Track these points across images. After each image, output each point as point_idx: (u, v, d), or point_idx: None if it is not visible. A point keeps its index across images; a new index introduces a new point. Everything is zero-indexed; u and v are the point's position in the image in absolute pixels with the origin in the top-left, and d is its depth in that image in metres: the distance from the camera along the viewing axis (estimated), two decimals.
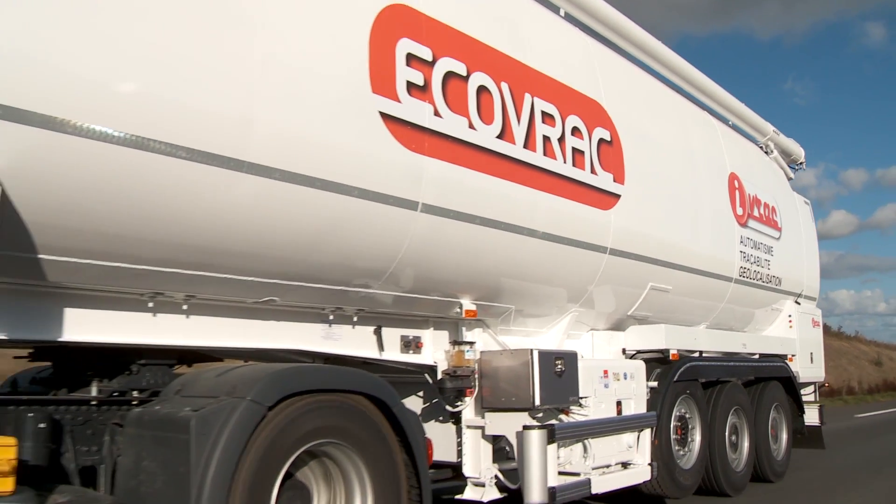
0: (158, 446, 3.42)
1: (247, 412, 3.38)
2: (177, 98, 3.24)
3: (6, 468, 2.96)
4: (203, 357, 4.42)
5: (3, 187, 2.81)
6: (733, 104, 8.54)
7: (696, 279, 7.02)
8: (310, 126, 3.76)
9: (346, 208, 3.97)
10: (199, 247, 3.56)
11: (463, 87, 4.62)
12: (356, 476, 3.94)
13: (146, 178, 3.21)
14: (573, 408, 5.47)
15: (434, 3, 4.54)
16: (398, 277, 4.49)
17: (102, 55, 3.01)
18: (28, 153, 2.89)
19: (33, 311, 3.46)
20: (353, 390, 3.91)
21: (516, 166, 4.96)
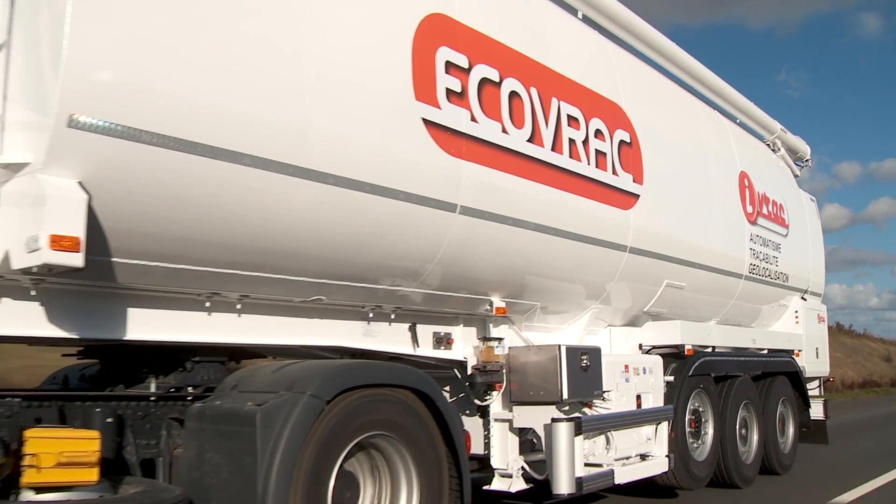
0: (222, 439, 3.59)
1: (307, 406, 3.56)
2: (243, 110, 3.42)
3: (93, 459, 3.15)
4: (248, 354, 4.59)
5: (89, 196, 2.97)
6: (742, 102, 8.75)
7: (708, 276, 7.23)
8: (360, 133, 3.94)
9: (392, 211, 4.15)
10: (258, 249, 3.74)
11: (496, 92, 4.80)
12: (402, 467, 4.13)
13: (214, 184, 3.39)
14: (596, 401, 5.67)
15: (469, 12, 4.71)
16: (435, 276, 4.67)
17: (177, 72, 3.19)
18: (109, 163, 3.06)
19: (100, 311, 3.62)
20: (401, 385, 4.11)
21: (545, 168, 5.14)
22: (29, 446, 3.04)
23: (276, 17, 3.58)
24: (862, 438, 12.58)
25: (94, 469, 3.19)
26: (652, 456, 6.21)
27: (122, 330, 3.69)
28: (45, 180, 2.91)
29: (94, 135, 2.99)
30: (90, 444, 3.18)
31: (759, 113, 9.08)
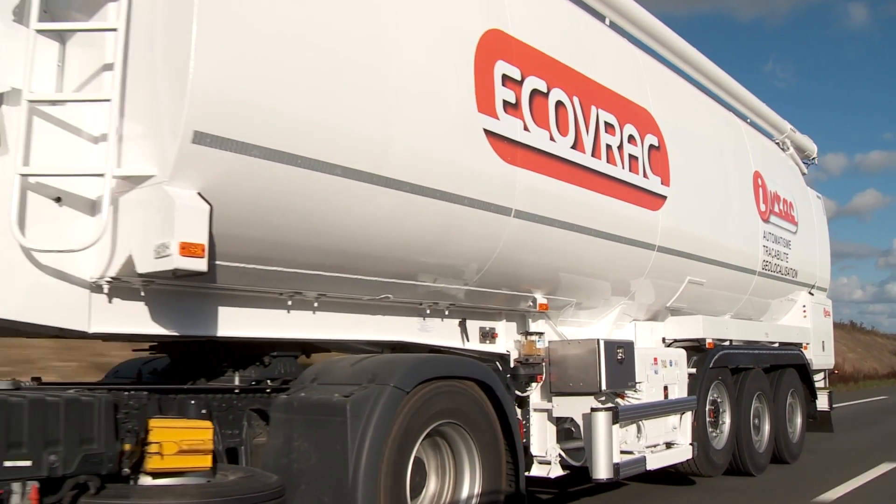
0: (311, 428, 3.89)
1: (391, 397, 3.88)
2: (335, 124, 3.72)
3: (208, 447, 3.45)
4: (316, 348, 4.88)
5: (211, 206, 3.26)
6: (754, 103, 9.10)
7: (725, 272, 7.59)
8: (431, 143, 4.24)
9: (457, 215, 4.46)
10: (342, 251, 4.05)
11: (545, 102, 5.11)
12: (467, 453, 4.46)
13: (310, 193, 3.69)
14: (628, 392, 6.00)
15: (520, 27, 5.02)
16: (489, 275, 4.99)
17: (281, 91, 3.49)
18: (223, 175, 3.35)
19: (194, 310, 3.89)
20: (468, 377, 4.43)
21: (585, 173, 5.46)
22: (153, 435, 3.34)
23: (363, 41, 3.88)
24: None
25: (208, 456, 3.49)
26: (677, 444, 6.57)
27: (214, 327, 3.97)
28: (173, 192, 3.20)
29: (213, 149, 3.28)
30: (205, 434, 3.49)
31: (771, 113, 9.44)
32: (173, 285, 3.71)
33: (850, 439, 11.08)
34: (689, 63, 7.92)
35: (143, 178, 3.33)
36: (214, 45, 3.24)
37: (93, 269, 3.47)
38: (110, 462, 3.17)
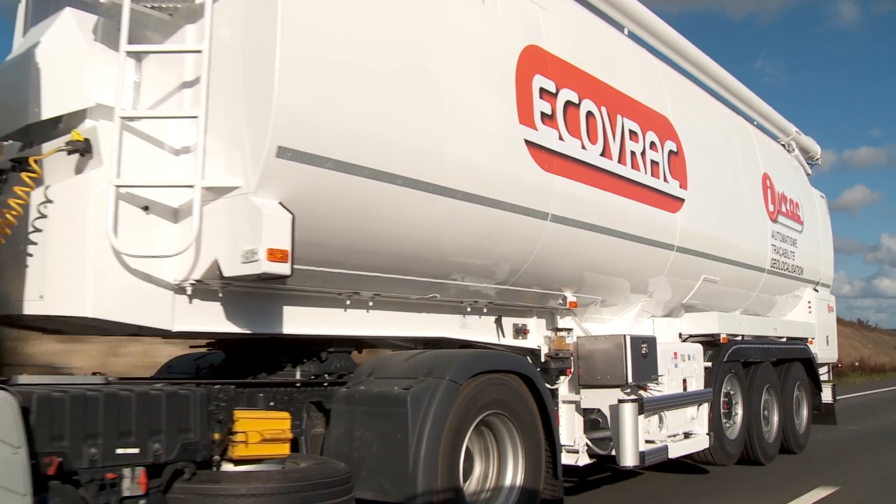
0: (372, 419, 4.20)
1: (447, 389, 4.19)
2: (397, 138, 4.04)
3: (287, 436, 3.77)
4: (365, 344, 5.18)
5: (293, 215, 3.57)
6: (762, 107, 9.44)
7: (737, 270, 7.92)
8: (479, 154, 4.56)
9: (500, 220, 4.78)
10: (398, 254, 4.36)
11: (577, 113, 5.43)
12: (510, 442, 4.77)
13: (375, 201, 4.00)
14: (650, 384, 6.33)
15: (554, 42, 5.33)
16: (525, 275, 5.31)
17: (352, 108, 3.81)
18: (301, 186, 3.66)
19: (263, 309, 4.20)
20: (512, 370, 4.75)
21: (612, 178, 5.78)
22: (239, 425, 3.64)
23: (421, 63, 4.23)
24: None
25: (287, 445, 3.81)
26: (695, 434, 6.90)
27: (280, 325, 4.28)
28: (259, 202, 3.51)
29: (293, 162, 3.59)
30: (285, 424, 3.80)
31: (777, 116, 9.79)
32: (246, 287, 4.01)
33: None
34: (701, 69, 8.24)
35: (228, 189, 3.63)
36: (294, 69, 3.55)
37: (176, 272, 3.77)
38: (204, 450, 3.49)
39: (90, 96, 3.82)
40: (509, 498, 4.75)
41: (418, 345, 5.66)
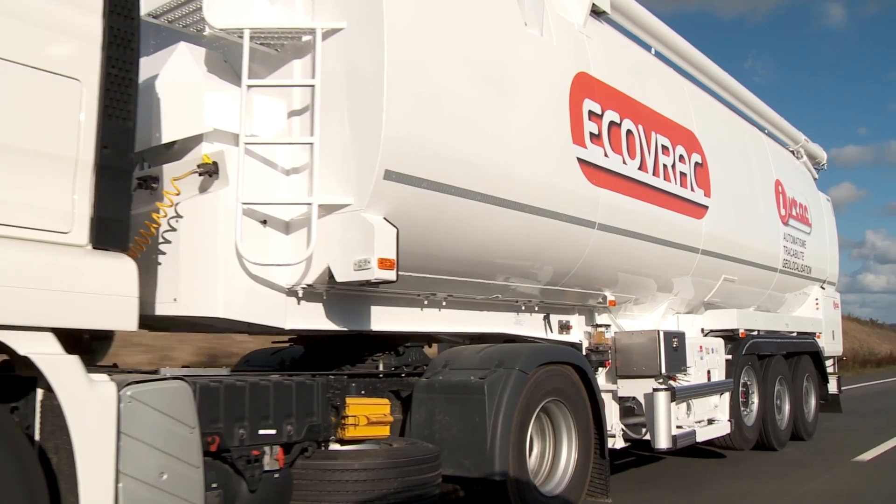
0: (452, 405, 4.80)
1: (517, 378, 4.80)
2: (475, 159, 4.64)
3: (388, 420, 4.38)
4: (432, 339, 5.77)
5: (397, 229, 4.16)
6: (774, 117, 10.07)
7: (753, 270, 8.55)
8: (541, 171, 5.17)
9: (556, 229, 5.39)
10: (472, 260, 4.96)
11: (619, 131, 6.03)
12: (565, 424, 5.39)
13: (458, 215, 4.60)
14: (679, 375, 6.95)
15: (600, 68, 5.93)
16: (573, 277, 5.92)
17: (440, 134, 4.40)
18: (401, 203, 4.26)
19: (354, 309, 4.79)
20: (568, 361, 5.36)
21: (648, 189, 6.40)
22: (350, 410, 4.25)
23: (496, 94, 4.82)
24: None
25: (387, 427, 4.41)
26: (718, 420, 7.54)
27: (368, 322, 4.87)
28: (370, 218, 4.11)
29: (396, 183, 4.19)
30: (385, 409, 4.42)
31: (787, 125, 10.42)
32: (344, 290, 4.60)
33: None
34: (719, 83, 8.85)
35: (339, 206, 4.22)
36: (397, 103, 4.15)
37: (288, 278, 4.35)
38: (325, 431, 4.10)
39: (207, 122, 4.39)
40: (564, 475, 5.37)
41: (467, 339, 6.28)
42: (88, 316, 3.01)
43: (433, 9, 4.54)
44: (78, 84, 3.11)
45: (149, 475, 3.10)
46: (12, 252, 2.85)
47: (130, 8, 3.33)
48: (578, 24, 5.92)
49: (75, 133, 3.09)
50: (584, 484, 5.48)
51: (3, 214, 2.87)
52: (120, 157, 3.23)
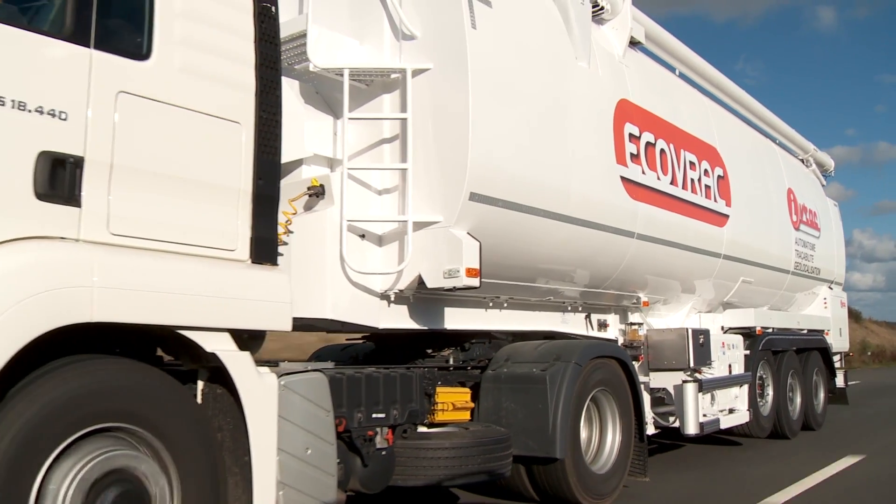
0: (517, 393, 5.51)
1: (573, 370, 5.51)
2: (540, 180, 5.36)
3: (470, 406, 5.09)
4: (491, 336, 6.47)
5: (480, 242, 4.88)
6: (786, 129, 10.82)
7: (767, 273, 9.28)
8: (591, 189, 5.89)
9: (603, 239, 6.11)
10: (532, 268, 5.69)
11: (654, 150, 6.75)
12: (610, 413, 6.11)
13: (524, 229, 5.32)
14: (704, 368, 7.66)
15: (637, 94, 6.65)
16: (614, 281, 6.64)
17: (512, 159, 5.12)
18: (481, 220, 4.97)
19: (431, 311, 5.50)
20: (613, 356, 6.09)
21: (678, 202, 7.12)
22: (439, 397, 4.97)
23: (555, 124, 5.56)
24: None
25: (468, 412, 5.13)
26: (738, 410, 8.27)
27: (443, 322, 5.58)
28: (457, 233, 4.82)
29: (478, 203, 4.91)
30: (467, 396, 5.14)
31: (798, 136, 11.17)
32: (426, 295, 5.30)
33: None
34: (735, 99, 9.58)
35: (429, 223, 4.93)
36: (479, 135, 4.86)
37: (381, 284, 5.06)
38: (421, 415, 4.81)
39: (308, 148, 5.10)
40: (609, 456, 6.10)
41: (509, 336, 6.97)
42: (254, 319, 3.71)
43: (504, 50, 5.25)
44: (239, 126, 3.80)
45: (298, 450, 3.78)
46: (195, 267, 3.55)
47: (275, 61, 4.03)
48: (619, 55, 6.64)
49: (238, 167, 3.79)
50: (626, 464, 6.21)
51: (186, 236, 3.56)
52: (270, 185, 3.92)
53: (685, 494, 6.57)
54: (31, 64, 3.11)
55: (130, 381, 3.29)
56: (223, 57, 3.77)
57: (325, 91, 5.32)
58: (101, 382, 3.18)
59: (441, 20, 5.00)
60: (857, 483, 7.05)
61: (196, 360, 3.68)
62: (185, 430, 3.40)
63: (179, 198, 3.53)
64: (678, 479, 7.17)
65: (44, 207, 3.08)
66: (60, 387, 3.04)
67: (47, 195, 3.09)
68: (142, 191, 3.38)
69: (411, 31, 5.06)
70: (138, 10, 3.50)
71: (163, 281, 3.35)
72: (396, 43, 5.16)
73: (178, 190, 3.52)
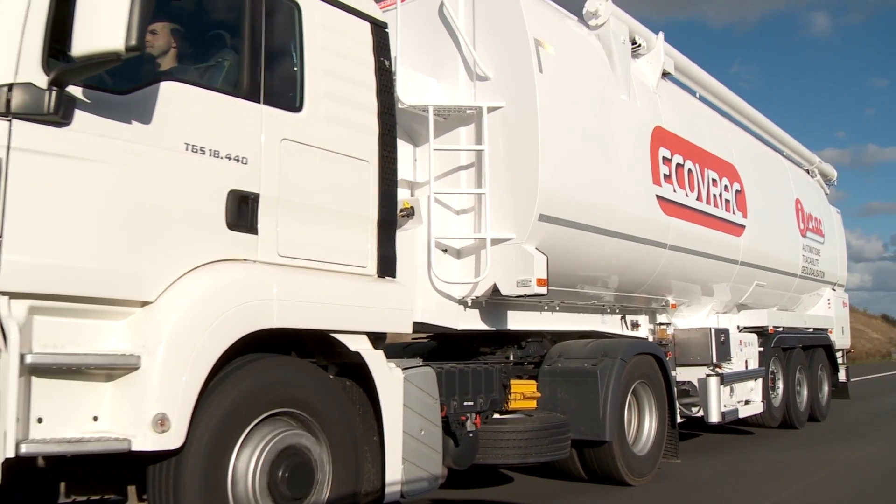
0: (571, 386, 6.36)
1: (619, 365, 6.37)
2: (593, 200, 6.22)
3: (536, 395, 5.94)
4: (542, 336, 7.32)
5: (547, 256, 5.72)
6: (792, 143, 11.72)
7: (778, 277, 10.16)
8: (632, 207, 6.75)
9: (641, 250, 6.97)
10: (582, 276, 6.54)
11: (682, 171, 7.62)
12: (647, 402, 6.98)
13: (578, 243, 6.19)
14: (724, 364, 8.53)
15: (668, 121, 7.52)
16: (647, 286, 7.50)
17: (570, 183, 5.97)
18: (546, 237, 5.82)
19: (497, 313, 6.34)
20: (651, 352, 6.96)
21: (702, 215, 7.98)
22: (514, 388, 5.82)
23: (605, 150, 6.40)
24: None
25: (535, 401, 5.99)
26: (753, 401, 9.15)
27: (506, 323, 6.42)
28: (529, 249, 5.67)
29: (545, 223, 5.76)
30: (533, 387, 6.00)
31: (804, 149, 12.09)
32: (495, 301, 6.13)
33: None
34: (748, 117, 10.46)
35: (504, 240, 5.77)
36: (546, 165, 5.71)
37: (460, 292, 5.90)
38: (500, 403, 5.66)
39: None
40: (647, 440, 6.98)
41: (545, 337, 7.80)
42: (385, 323, 4.56)
43: (562, 88, 6.09)
44: (367, 164, 4.64)
45: (414, 431, 4.61)
46: (341, 282, 4.40)
47: (392, 107, 4.87)
48: (652, 86, 7.50)
49: (367, 198, 4.63)
50: (661, 447, 7.08)
51: (331, 256, 4.39)
52: (390, 212, 4.76)
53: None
54: (220, 118, 3.96)
55: (297, 375, 4.15)
56: (354, 106, 4.62)
57: (405, 122, 6.13)
58: (277, 376, 4.03)
59: (512, 64, 5.85)
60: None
61: (328, 358, 4.52)
62: (336, 414, 4.24)
63: (325, 225, 4.37)
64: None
65: (233, 235, 3.93)
66: (249, 379, 3.87)
67: (235, 225, 3.93)
68: (299, 219, 4.23)
69: (485, 72, 5.90)
70: (294, 71, 4.36)
71: (320, 293, 4.21)
72: (470, 82, 6.01)
73: (324, 218, 4.37)
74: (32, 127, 3.28)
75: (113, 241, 3.49)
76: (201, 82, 3.98)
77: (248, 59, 4.10)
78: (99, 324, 3.54)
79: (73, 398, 3.41)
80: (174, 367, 3.49)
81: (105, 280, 3.47)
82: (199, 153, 3.80)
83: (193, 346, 3.57)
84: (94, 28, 3.18)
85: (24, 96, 3.26)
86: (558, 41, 6.18)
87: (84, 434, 3.40)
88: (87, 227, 3.43)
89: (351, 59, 4.65)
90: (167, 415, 3.43)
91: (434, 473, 4.73)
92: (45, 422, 3.28)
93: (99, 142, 3.48)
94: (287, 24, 4.36)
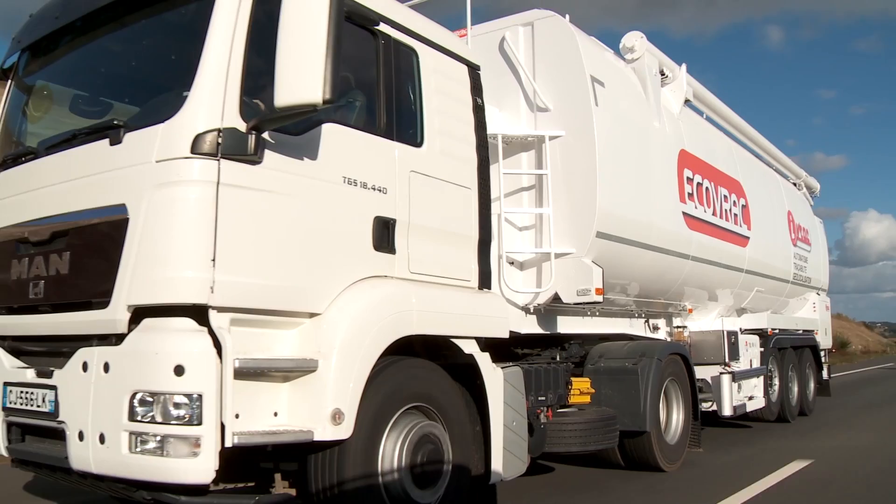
0: (614, 382, 7.16)
1: (657, 364, 7.18)
2: (633, 218, 7.02)
3: (590, 391, 6.73)
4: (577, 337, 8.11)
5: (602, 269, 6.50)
6: (783, 159, 12.75)
7: (774, 283, 11.10)
8: (664, 223, 7.58)
9: (670, 261, 7.81)
10: (622, 285, 7.34)
11: (702, 189, 8.48)
12: (675, 397, 7.81)
13: (623, 256, 6.98)
14: (733, 363, 9.41)
15: (690, 145, 8.37)
16: (670, 294, 8.34)
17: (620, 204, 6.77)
18: (601, 251, 6.60)
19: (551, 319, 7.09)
20: (679, 353, 7.79)
21: (717, 229, 8.86)
22: (574, 384, 6.59)
23: (643, 173, 7.21)
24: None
25: (588, 396, 6.76)
26: (756, 397, 10.05)
27: (557, 327, 7.18)
28: (587, 262, 6.45)
29: (601, 239, 6.54)
30: (587, 384, 6.76)
31: (793, 165, 13.14)
32: (550, 307, 6.89)
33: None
34: (747, 136, 11.41)
35: (565, 254, 6.54)
36: (602, 188, 6.49)
37: (524, 299, 6.64)
38: (564, 398, 6.42)
39: None
40: (676, 431, 7.82)
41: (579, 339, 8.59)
42: (489, 329, 5.30)
43: (612, 119, 6.88)
44: (470, 191, 5.37)
45: (509, 422, 5.33)
46: (457, 294, 5.12)
47: (485, 139, 5.60)
48: (676, 113, 8.34)
49: (470, 220, 5.35)
50: (688, 437, 7.92)
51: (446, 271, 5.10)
52: (487, 232, 5.49)
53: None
54: (366, 153, 4.65)
55: (428, 375, 4.85)
56: (459, 140, 5.35)
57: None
58: (413, 376, 4.74)
59: (571, 98, 6.61)
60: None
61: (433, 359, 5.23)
62: (454, 408, 4.97)
63: (441, 244, 5.09)
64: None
65: (377, 255, 4.63)
66: (392, 378, 4.56)
67: (379, 246, 4.63)
68: (423, 240, 4.94)
69: (545, 104, 6.66)
70: (415, 111, 5.06)
71: (444, 304, 4.94)
72: (531, 112, 6.77)
73: (441, 238, 5.09)
74: (234, 165, 3.95)
75: (293, 262, 4.17)
76: (352, 123, 4.67)
77: (383, 101, 4.79)
78: (275, 333, 4.20)
79: (259, 397, 4.06)
80: (346, 369, 4.18)
81: (288, 295, 4.14)
82: (353, 185, 4.49)
83: (359, 351, 4.26)
84: (295, 82, 3.81)
85: (231, 140, 3.92)
86: (607, 76, 6.97)
87: (270, 427, 4.06)
88: (274, 250, 4.10)
89: (455, 98, 5.38)
90: (342, 409, 4.11)
91: (522, 459, 5.48)
92: (241, 417, 3.91)
93: (281, 177, 4.15)
94: (408, 69, 5.06)
